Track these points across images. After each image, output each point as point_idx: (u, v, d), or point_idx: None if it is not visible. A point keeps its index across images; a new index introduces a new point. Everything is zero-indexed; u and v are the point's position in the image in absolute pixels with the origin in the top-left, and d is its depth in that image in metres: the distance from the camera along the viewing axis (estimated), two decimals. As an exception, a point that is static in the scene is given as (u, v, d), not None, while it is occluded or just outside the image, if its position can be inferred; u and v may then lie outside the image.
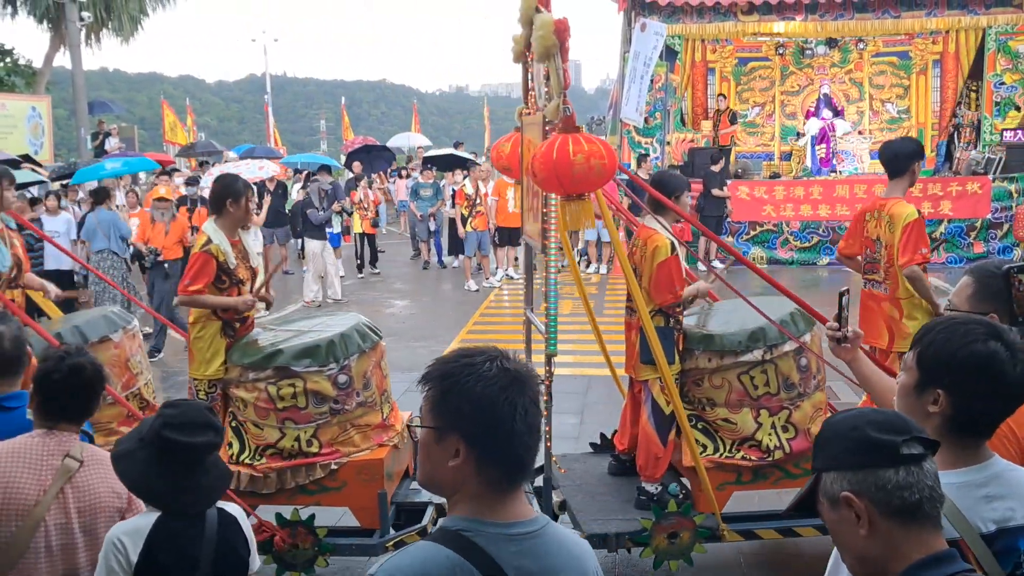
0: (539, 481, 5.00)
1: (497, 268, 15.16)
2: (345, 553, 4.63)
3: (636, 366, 4.84)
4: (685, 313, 5.00)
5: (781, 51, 18.44)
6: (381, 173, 22.49)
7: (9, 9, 26.03)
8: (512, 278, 15.19)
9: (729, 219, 15.62)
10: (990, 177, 14.72)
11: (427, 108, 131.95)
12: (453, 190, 16.00)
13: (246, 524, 2.84)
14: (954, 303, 2.67)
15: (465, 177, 15.58)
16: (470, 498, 1.66)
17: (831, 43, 17.95)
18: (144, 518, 2.66)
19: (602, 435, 5.62)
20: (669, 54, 16.16)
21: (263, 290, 5.09)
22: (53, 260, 10.83)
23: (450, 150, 21.19)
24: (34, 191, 14.24)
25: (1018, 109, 15.68)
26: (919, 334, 2.08)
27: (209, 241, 4.71)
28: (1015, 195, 14.76)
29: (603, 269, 15.52)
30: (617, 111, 16.91)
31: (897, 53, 18.04)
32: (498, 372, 1.64)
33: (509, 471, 1.66)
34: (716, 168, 15.35)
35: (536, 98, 4.53)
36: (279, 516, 4.50)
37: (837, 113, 17.22)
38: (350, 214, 15.12)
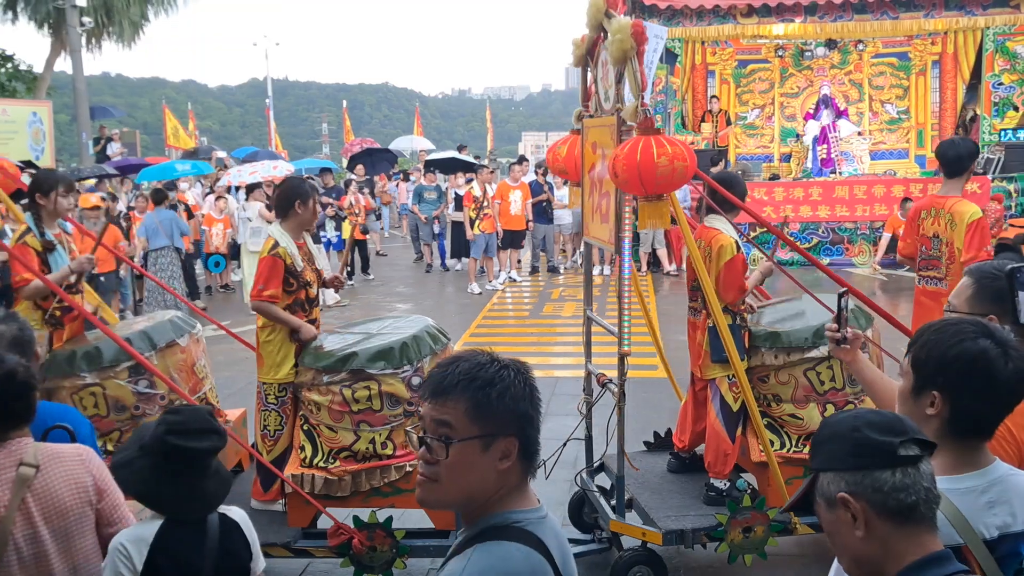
0: (601, 479, 5.11)
1: (500, 271, 15.22)
2: (422, 555, 4.63)
3: (704, 365, 4.90)
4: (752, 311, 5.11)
5: (780, 53, 18.50)
6: (383, 175, 22.57)
7: (10, 14, 26.10)
8: (515, 280, 15.25)
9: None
10: (989, 177, 14.78)
11: (429, 111, 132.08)
12: (456, 193, 16.06)
13: (249, 528, 2.84)
14: (954, 304, 2.64)
15: (471, 180, 15.64)
16: (511, 492, 1.72)
17: (830, 45, 18.00)
18: (147, 526, 2.64)
19: (656, 433, 5.66)
20: (669, 57, 16.22)
21: (338, 275, 5.30)
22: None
23: (453, 153, 21.26)
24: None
25: (1016, 109, 15.75)
26: (913, 338, 2.09)
27: (276, 244, 4.71)
28: (1014, 194, 14.83)
29: (606, 271, 15.59)
30: (617, 114, 16.97)
31: (896, 54, 18.11)
32: (516, 371, 1.72)
33: (535, 459, 1.76)
34: (715, 170, 15.42)
35: (602, 100, 4.54)
36: (356, 519, 4.46)
37: (840, 114, 17.26)
38: (344, 219, 15.16)
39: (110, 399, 4.58)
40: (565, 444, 4.82)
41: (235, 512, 2.83)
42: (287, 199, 4.84)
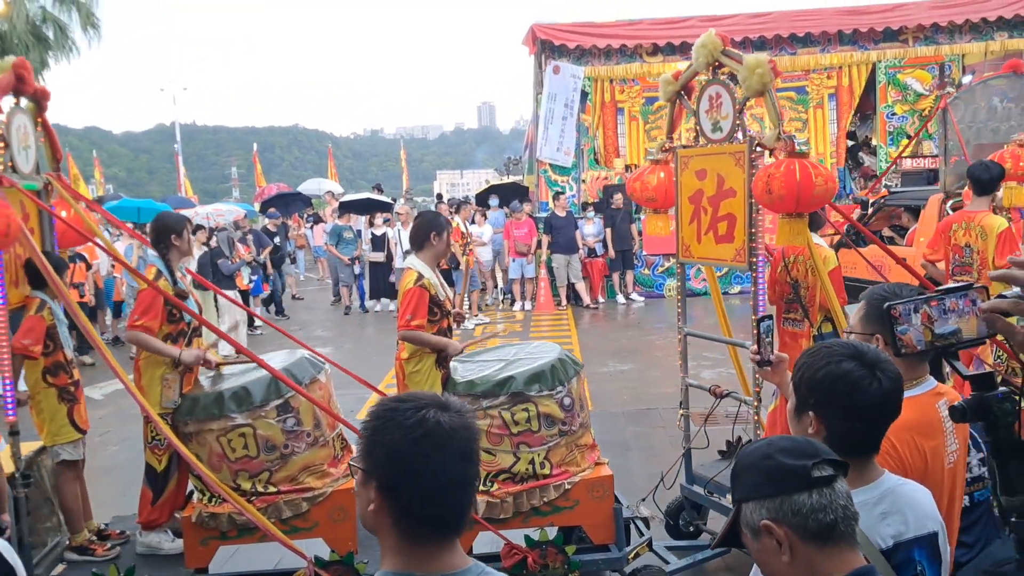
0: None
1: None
2: (591, 568, 4.72)
3: None
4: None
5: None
6: (296, 217, 22.35)
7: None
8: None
9: (643, 252, 16.02)
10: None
11: (342, 152, 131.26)
12: (373, 234, 16.04)
13: (12, 555, 2.63)
14: (851, 324, 2.74)
15: (387, 220, 15.67)
16: (391, 549, 1.61)
17: (733, 80, 18.59)
18: None
19: (728, 441, 5.65)
20: (580, 95, 16.57)
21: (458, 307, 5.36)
22: None
23: (367, 194, 21.20)
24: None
25: (909, 138, 16.53)
26: (797, 360, 2.17)
27: (421, 276, 4.85)
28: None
29: (527, 305, 15.70)
30: (533, 151, 17.23)
31: (795, 88, 18.81)
32: (418, 423, 1.56)
33: (427, 525, 1.59)
34: (614, 205, 15.73)
35: (708, 131, 4.96)
36: (528, 538, 4.56)
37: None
38: (262, 264, 15.05)
39: (260, 439, 4.53)
40: (684, 455, 5.18)
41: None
42: (424, 231, 4.99)
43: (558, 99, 15.99)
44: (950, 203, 8.31)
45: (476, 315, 14.82)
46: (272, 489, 4.55)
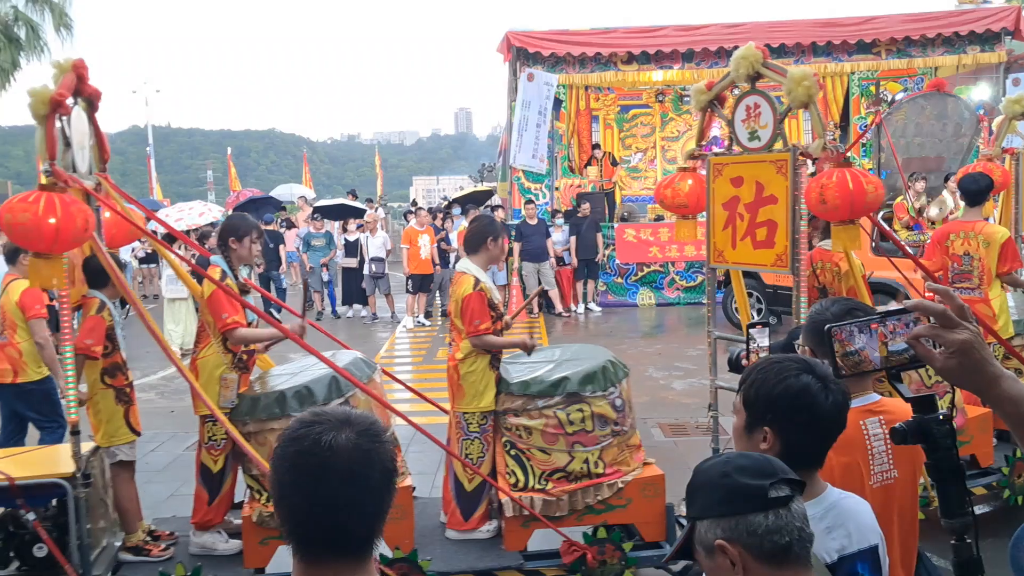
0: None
1: (406, 315, 15.16)
2: (647, 565, 4.80)
3: None
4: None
5: (661, 98, 19.11)
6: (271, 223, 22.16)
7: None
8: (424, 324, 15.15)
9: (617, 260, 16.02)
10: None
11: (318, 156, 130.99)
12: (347, 240, 15.93)
13: None
14: (801, 339, 2.78)
15: (360, 226, 15.60)
16: (294, 568, 1.59)
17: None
18: None
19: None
20: (554, 103, 16.57)
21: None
22: None
23: (341, 200, 21.06)
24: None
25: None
26: (743, 376, 2.18)
27: (478, 281, 4.93)
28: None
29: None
30: (507, 158, 17.20)
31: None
32: (294, 441, 1.54)
33: (305, 545, 1.56)
34: (580, 213, 15.72)
35: (744, 140, 5.14)
36: (586, 535, 4.70)
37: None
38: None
39: None
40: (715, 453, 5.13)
41: None
42: (480, 236, 5.08)
43: (532, 106, 15.97)
44: (881, 214, 8.45)
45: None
46: None
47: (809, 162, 4.94)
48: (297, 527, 1.55)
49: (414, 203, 27.56)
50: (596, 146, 18.70)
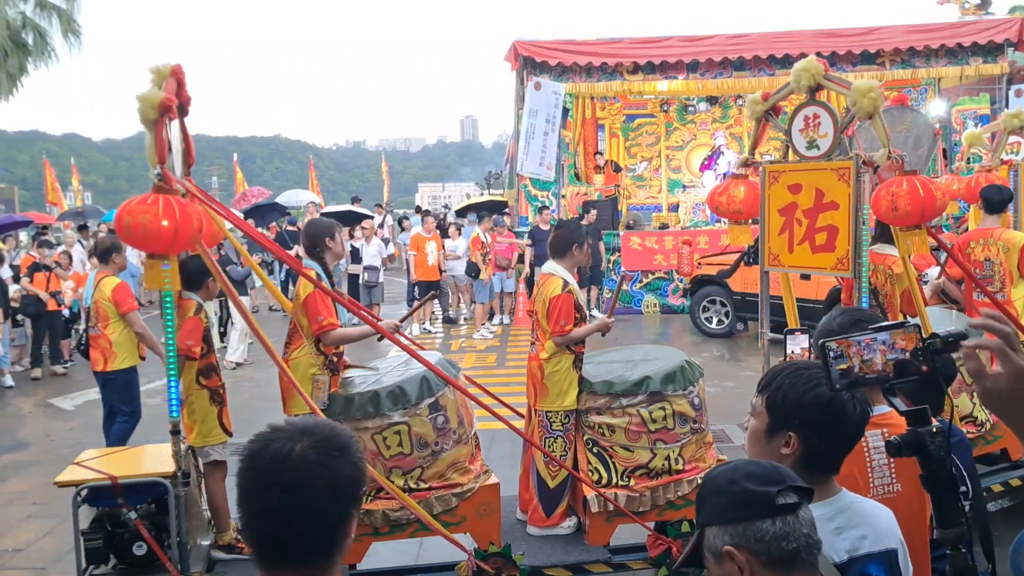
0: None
1: (414, 322, 15.18)
2: None
3: None
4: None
5: (665, 108, 19.28)
6: (274, 226, 22.28)
7: None
8: (430, 332, 15.18)
9: (622, 267, 16.13)
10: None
11: (324, 163, 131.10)
12: (353, 247, 16.06)
13: None
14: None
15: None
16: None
17: (712, 100, 18.86)
18: None
19: None
20: (562, 111, 16.70)
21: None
22: None
23: (348, 206, 21.17)
24: None
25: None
26: (766, 380, 2.20)
27: (567, 283, 5.12)
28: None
29: (506, 320, 15.74)
30: (514, 166, 17.32)
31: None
32: (248, 451, 1.57)
33: (258, 553, 1.57)
34: (586, 221, 15.80)
35: (802, 148, 5.27)
36: (671, 528, 4.81)
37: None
38: (270, 271, 15.04)
39: (414, 436, 4.66)
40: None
41: None
42: (567, 242, 5.25)
43: (539, 115, 16.12)
44: None
45: (483, 325, 14.91)
46: (424, 485, 4.70)
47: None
48: (247, 536, 1.58)
49: (418, 208, 27.65)
50: (599, 153, 18.84)
